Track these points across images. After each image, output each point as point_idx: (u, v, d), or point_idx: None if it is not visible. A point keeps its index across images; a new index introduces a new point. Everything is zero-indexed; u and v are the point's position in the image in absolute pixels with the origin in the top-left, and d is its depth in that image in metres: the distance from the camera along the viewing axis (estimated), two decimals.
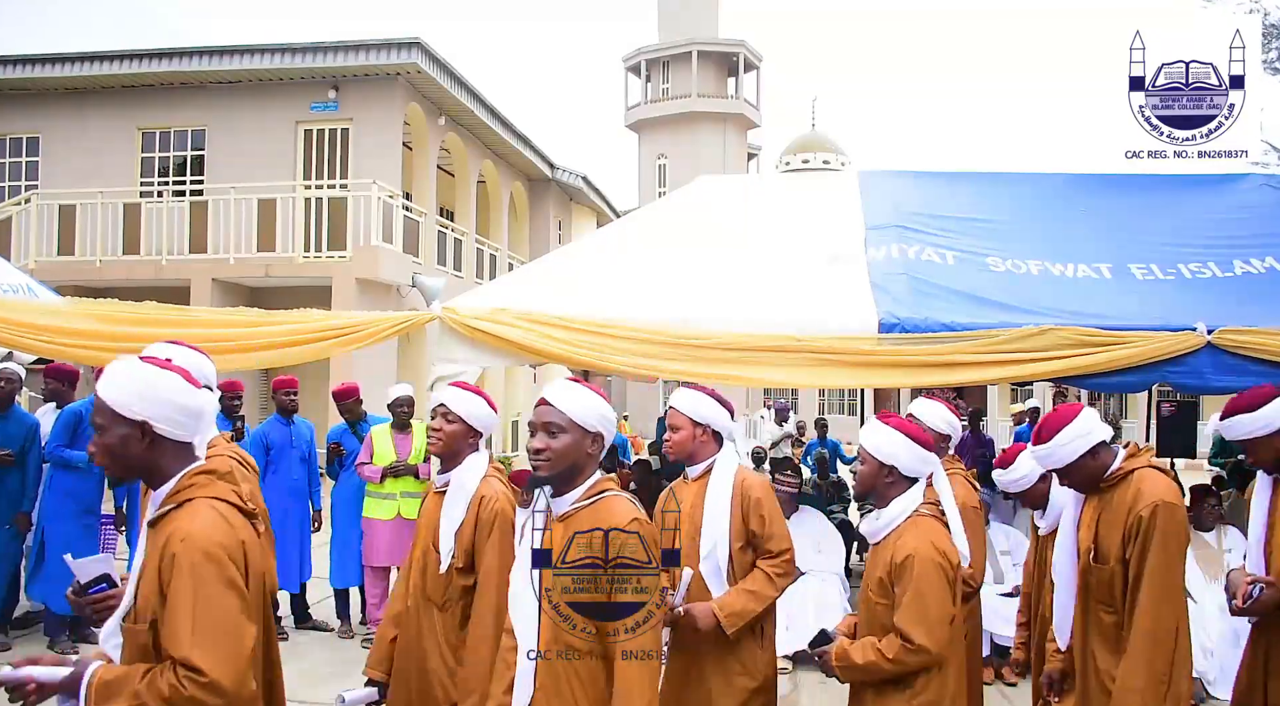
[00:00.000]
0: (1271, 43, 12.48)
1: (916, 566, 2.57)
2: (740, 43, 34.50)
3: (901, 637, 2.56)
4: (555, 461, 2.38)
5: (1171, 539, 2.74)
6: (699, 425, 3.22)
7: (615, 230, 7.12)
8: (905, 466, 2.74)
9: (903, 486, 2.76)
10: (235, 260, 12.92)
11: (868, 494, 2.83)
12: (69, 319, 4.74)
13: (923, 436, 2.78)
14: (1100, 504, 2.94)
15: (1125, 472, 2.90)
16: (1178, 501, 2.79)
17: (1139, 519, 2.74)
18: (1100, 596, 2.90)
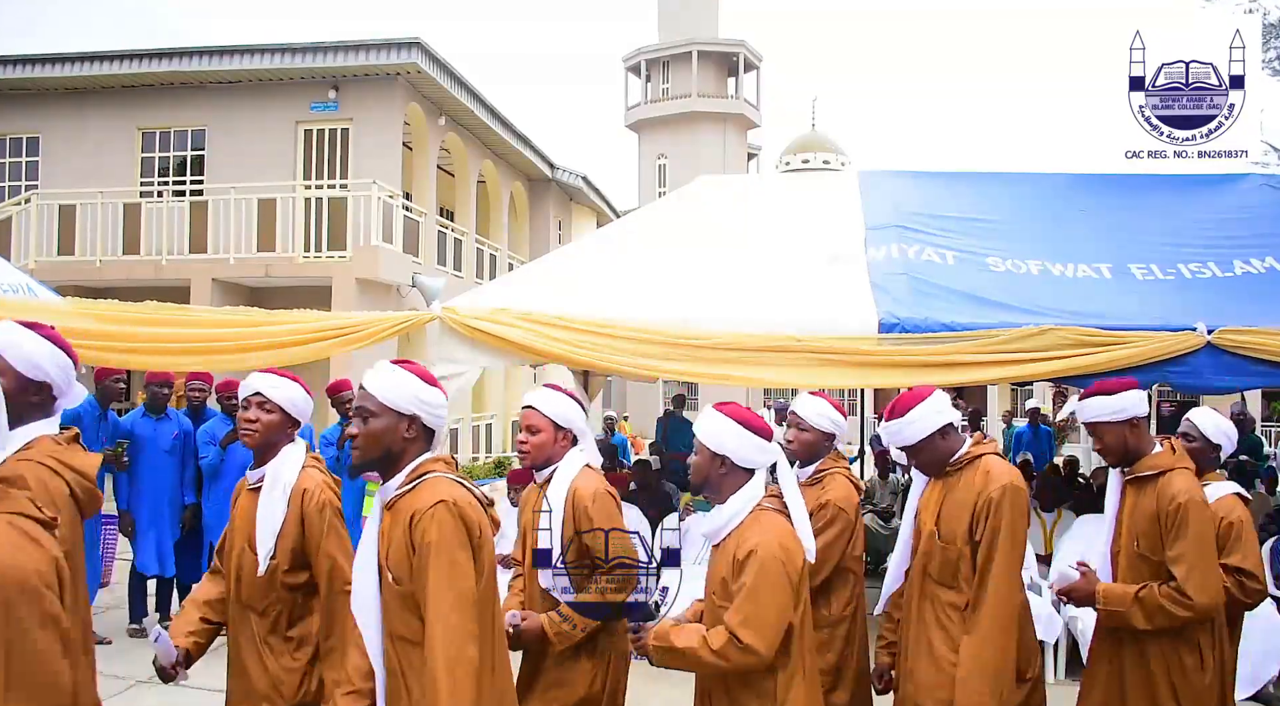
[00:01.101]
0: (1271, 43, 12.47)
1: (756, 563, 2.42)
2: (740, 43, 34.51)
3: (730, 633, 2.40)
4: (366, 447, 2.26)
5: (1020, 520, 2.80)
6: (561, 428, 3.05)
7: (615, 230, 7.13)
8: (739, 456, 2.56)
9: (739, 478, 2.58)
10: (235, 260, 12.91)
11: (702, 486, 2.65)
12: (69, 319, 4.74)
13: (760, 425, 2.59)
14: (945, 487, 2.95)
15: (973, 457, 2.93)
16: (1023, 486, 2.84)
17: (989, 500, 2.77)
18: (943, 577, 2.90)
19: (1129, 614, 2.91)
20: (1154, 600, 2.87)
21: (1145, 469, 3.04)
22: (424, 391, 2.32)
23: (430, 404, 2.31)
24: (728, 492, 2.58)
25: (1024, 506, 2.83)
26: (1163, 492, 2.97)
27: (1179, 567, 2.86)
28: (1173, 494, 2.94)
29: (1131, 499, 3.09)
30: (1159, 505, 2.95)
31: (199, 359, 4.97)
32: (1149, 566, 2.98)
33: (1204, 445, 3.45)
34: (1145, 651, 2.96)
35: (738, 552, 2.46)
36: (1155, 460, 3.04)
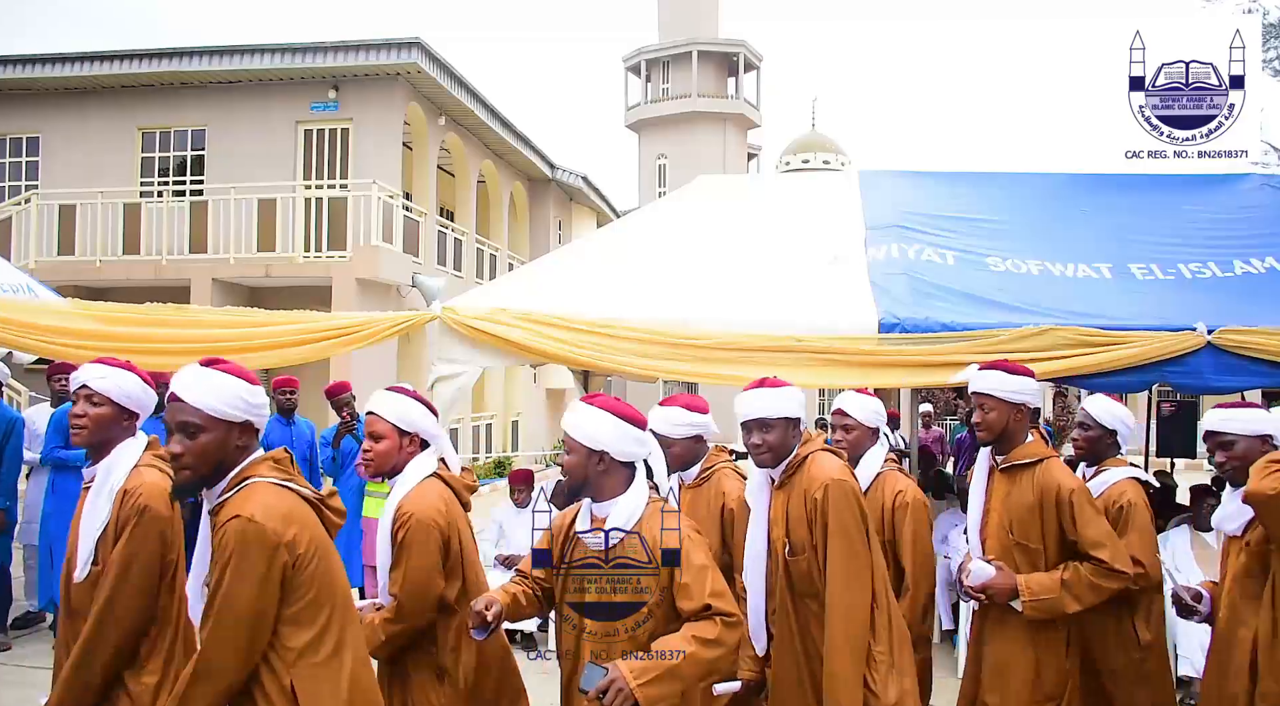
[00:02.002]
0: (1271, 43, 12.48)
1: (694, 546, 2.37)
2: (740, 43, 34.52)
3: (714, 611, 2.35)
4: (196, 466, 2.08)
5: (847, 515, 2.73)
6: (405, 433, 2.85)
7: (615, 230, 7.12)
8: (617, 450, 2.38)
9: (621, 475, 2.41)
10: (235, 260, 12.92)
11: (579, 487, 2.44)
12: (69, 319, 4.75)
13: (634, 415, 2.45)
14: (785, 495, 2.89)
15: (801, 458, 2.86)
16: (846, 477, 2.80)
17: (815, 501, 2.74)
18: (805, 589, 2.84)
19: (1060, 600, 2.91)
20: (1081, 581, 2.91)
21: (1020, 457, 3.07)
22: (252, 393, 2.14)
23: (259, 406, 2.15)
24: (609, 491, 2.40)
25: (849, 496, 2.75)
26: (1045, 483, 3.00)
27: (1102, 550, 2.92)
28: (1056, 481, 2.98)
29: (1004, 487, 3.11)
30: (1042, 495, 2.99)
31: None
32: (1025, 554, 3.02)
33: (1100, 432, 3.49)
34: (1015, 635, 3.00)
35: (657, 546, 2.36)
36: (1030, 449, 3.07)
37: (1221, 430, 2.89)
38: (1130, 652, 3.23)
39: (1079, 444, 3.56)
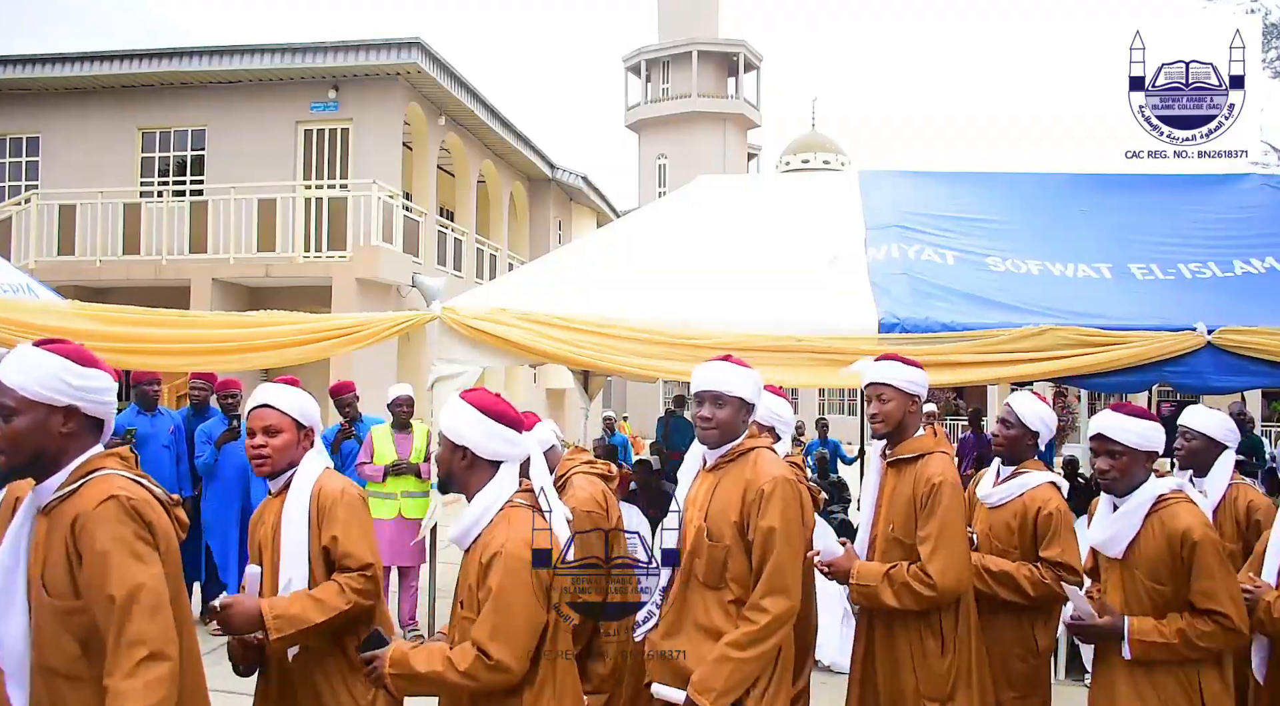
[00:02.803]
0: (1271, 43, 12.47)
1: (501, 568, 2.16)
2: (740, 43, 34.53)
3: (478, 649, 2.15)
4: (10, 452, 1.90)
5: (792, 513, 2.65)
6: (303, 427, 2.71)
7: (615, 230, 7.12)
8: (482, 448, 2.30)
9: (485, 473, 2.31)
10: (235, 260, 12.91)
11: (447, 482, 2.37)
12: (69, 319, 4.75)
13: (509, 414, 2.35)
14: (716, 479, 2.78)
15: (746, 449, 2.76)
16: (794, 477, 2.74)
17: (760, 492, 2.63)
18: (709, 578, 2.71)
19: (878, 589, 2.88)
20: (900, 578, 2.85)
21: (907, 451, 3.02)
22: (78, 375, 1.95)
23: (89, 389, 1.96)
24: (474, 489, 2.32)
25: (796, 500, 2.69)
26: (919, 475, 2.93)
27: (924, 548, 2.85)
28: (928, 475, 2.91)
29: (892, 482, 3.05)
30: (915, 488, 2.93)
31: (201, 360, 4.97)
32: (902, 550, 2.95)
33: (1021, 432, 3.39)
34: (893, 631, 2.96)
35: (483, 557, 2.21)
36: (917, 443, 3.02)
37: (1113, 437, 2.79)
38: (1027, 659, 3.19)
39: (999, 441, 3.47)
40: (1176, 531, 2.65)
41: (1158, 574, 2.68)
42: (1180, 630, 2.63)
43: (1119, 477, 2.78)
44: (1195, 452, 3.69)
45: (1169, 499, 2.73)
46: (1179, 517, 2.68)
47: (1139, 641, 2.66)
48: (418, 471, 6.08)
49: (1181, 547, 2.64)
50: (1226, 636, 2.61)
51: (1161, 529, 2.69)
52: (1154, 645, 2.65)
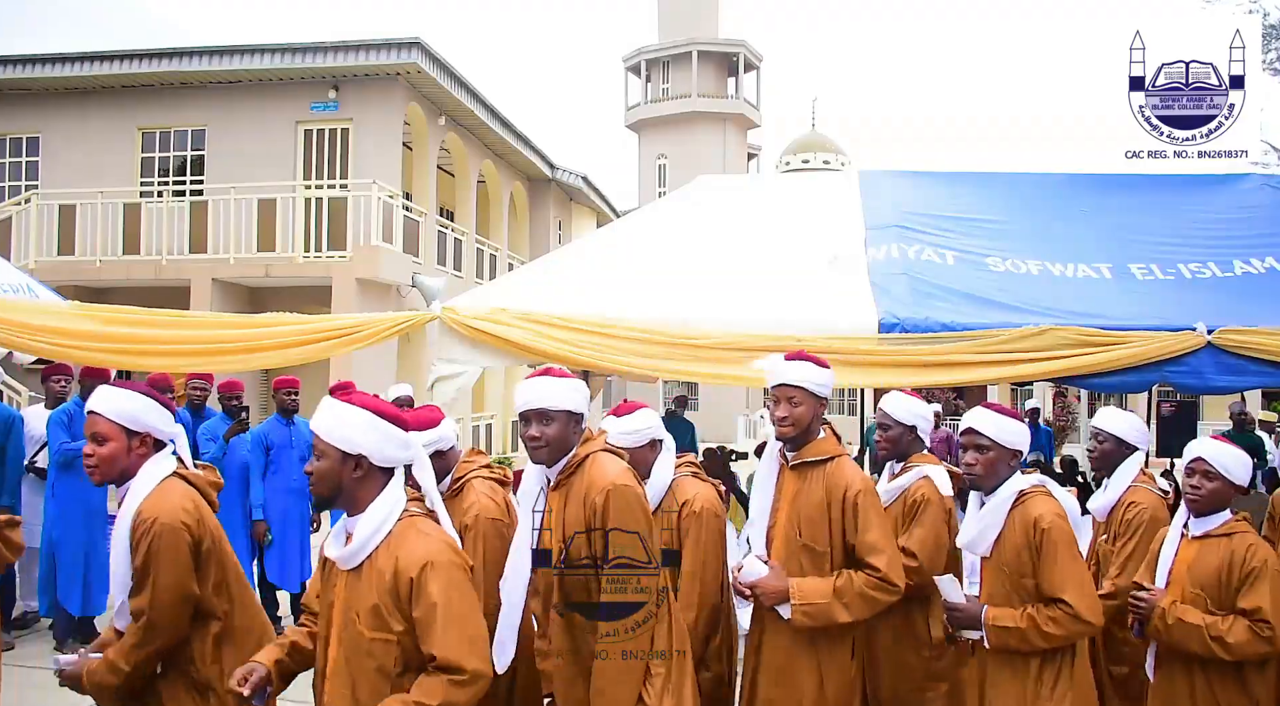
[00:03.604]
0: (1271, 43, 12.48)
1: (443, 578, 2.02)
2: (740, 43, 34.54)
3: (448, 672, 2.00)
4: None
5: (629, 520, 2.53)
6: (135, 433, 2.54)
7: (615, 230, 7.12)
8: (376, 454, 2.12)
9: (377, 483, 2.14)
10: (235, 260, 12.92)
11: (331, 497, 2.15)
12: (69, 319, 4.74)
13: (397, 414, 2.21)
14: (561, 497, 2.65)
15: (581, 458, 2.63)
16: (630, 481, 2.60)
17: (594, 506, 2.53)
18: (579, 601, 2.61)
19: (830, 608, 2.76)
20: (854, 589, 2.76)
21: (812, 455, 2.96)
22: None
23: None
24: (366, 501, 2.12)
25: (635, 506, 2.56)
26: (833, 481, 2.86)
27: (878, 557, 2.79)
28: (845, 481, 2.85)
29: (794, 485, 2.96)
30: (829, 494, 2.85)
31: (202, 360, 4.97)
32: (811, 557, 2.86)
33: (900, 430, 3.47)
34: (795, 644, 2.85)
35: (399, 573, 2.03)
36: (822, 446, 2.97)
37: (982, 431, 2.81)
38: (920, 651, 3.18)
39: (881, 444, 3.50)
40: (1029, 520, 2.70)
41: (1020, 567, 2.72)
42: (1029, 615, 2.66)
43: (984, 473, 2.82)
44: (1107, 455, 3.74)
45: (1029, 493, 2.77)
46: (1032, 508, 2.72)
47: (993, 627, 2.70)
48: None
49: (1033, 535, 2.68)
50: (1073, 624, 2.62)
51: (1020, 521, 2.74)
52: (1006, 630, 2.68)
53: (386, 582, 2.03)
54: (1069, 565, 2.66)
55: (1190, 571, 2.89)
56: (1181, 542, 2.98)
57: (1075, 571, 2.67)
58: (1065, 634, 2.64)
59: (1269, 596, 2.73)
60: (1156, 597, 2.87)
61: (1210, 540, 2.91)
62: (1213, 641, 2.73)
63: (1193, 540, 2.95)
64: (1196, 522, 2.97)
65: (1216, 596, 2.81)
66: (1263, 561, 2.78)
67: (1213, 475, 2.96)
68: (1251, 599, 2.73)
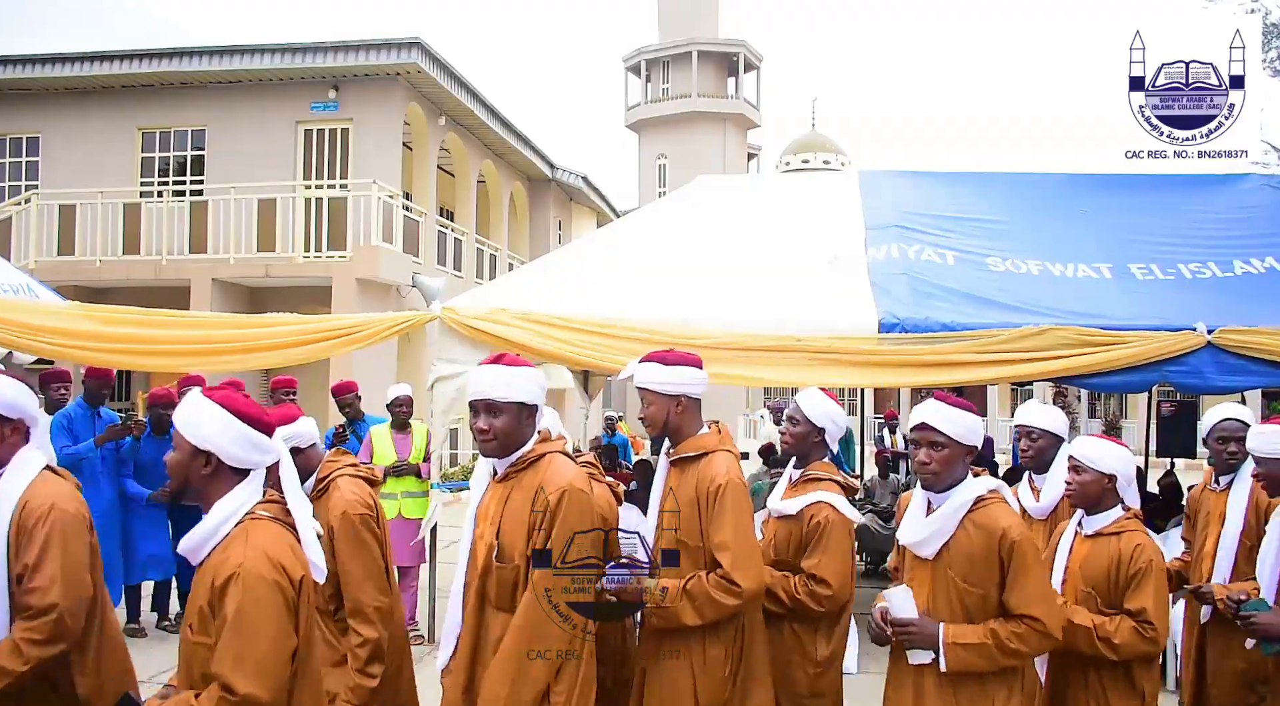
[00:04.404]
0: (1271, 43, 12.48)
1: (240, 589, 1.90)
2: (740, 43, 34.54)
3: (222, 687, 1.87)
4: None
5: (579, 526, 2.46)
6: (8, 421, 2.45)
7: (615, 230, 7.13)
8: (229, 455, 2.04)
9: (228, 482, 2.05)
10: (235, 260, 12.91)
11: (181, 492, 2.09)
12: (69, 320, 4.75)
13: (260, 416, 2.12)
14: (505, 491, 2.58)
15: (537, 456, 2.57)
16: (587, 486, 2.53)
17: (547, 504, 2.45)
18: (500, 601, 2.53)
19: (678, 610, 2.66)
20: (702, 592, 2.65)
21: (689, 450, 2.83)
22: None
23: None
24: (214, 499, 2.05)
25: (589, 512, 2.52)
26: (702, 475, 2.76)
27: (724, 555, 2.65)
28: (711, 475, 2.73)
29: (674, 481, 2.86)
30: (698, 488, 2.75)
31: (201, 360, 4.98)
32: (688, 554, 2.76)
33: (807, 428, 3.25)
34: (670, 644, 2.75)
35: (217, 577, 1.93)
36: (699, 441, 2.83)
37: (937, 426, 2.62)
38: (806, 668, 3.08)
39: (785, 439, 3.33)
40: (996, 531, 2.53)
41: (972, 575, 2.55)
42: (993, 631, 2.51)
43: (939, 471, 2.60)
44: (1043, 451, 3.66)
45: (986, 499, 2.61)
46: (997, 518, 2.56)
47: (954, 645, 2.52)
48: (418, 471, 6.08)
49: (1000, 548, 2.51)
50: (1039, 640, 2.51)
51: (978, 529, 2.56)
52: (969, 647, 2.51)
53: (208, 586, 1.95)
54: (1040, 581, 2.55)
55: (1082, 570, 2.88)
56: (1075, 540, 2.97)
57: (1045, 587, 2.58)
58: (1030, 651, 2.53)
59: (1153, 597, 2.70)
60: None
61: (1101, 539, 2.87)
62: (1100, 642, 2.71)
63: (1085, 538, 2.93)
64: (1088, 521, 2.94)
65: (1106, 595, 2.79)
66: (1148, 561, 2.75)
67: (1081, 468, 2.90)
68: (1137, 599, 2.72)
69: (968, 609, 2.57)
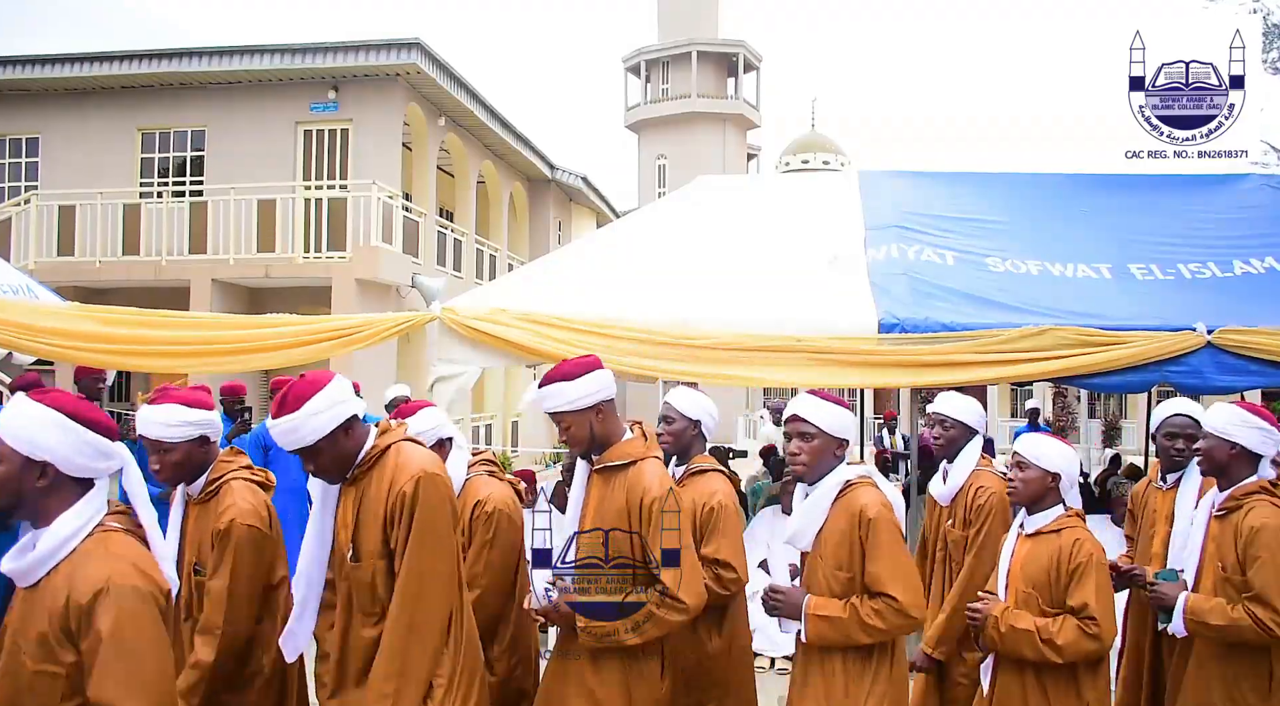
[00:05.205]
0: (1271, 43, 12.48)
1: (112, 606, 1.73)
2: (740, 43, 34.54)
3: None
4: None
5: (437, 513, 2.34)
6: None
7: (615, 230, 7.13)
8: (68, 463, 1.85)
9: (69, 495, 1.85)
10: (235, 261, 12.91)
11: (11, 508, 1.86)
12: (69, 320, 4.74)
13: (99, 419, 1.91)
14: (358, 492, 2.45)
15: (382, 450, 2.45)
16: (440, 471, 2.44)
17: (401, 495, 2.32)
18: (364, 605, 2.40)
19: (618, 631, 2.58)
20: (644, 610, 2.57)
21: (615, 458, 2.73)
22: None
23: None
24: (55, 513, 1.83)
25: (445, 499, 2.41)
26: (633, 485, 2.65)
27: (667, 572, 2.58)
28: (644, 487, 2.64)
29: (600, 490, 2.75)
30: (628, 499, 2.65)
31: (201, 361, 4.97)
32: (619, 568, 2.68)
33: (684, 424, 3.28)
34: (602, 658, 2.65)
35: (75, 594, 1.74)
36: (625, 448, 2.74)
37: (807, 418, 2.66)
38: (703, 660, 3.07)
39: (664, 439, 3.26)
40: (855, 510, 2.58)
41: (840, 558, 2.60)
42: (852, 606, 2.54)
43: (809, 462, 2.66)
44: (953, 440, 3.71)
45: (855, 483, 2.65)
46: (858, 497, 2.61)
47: (814, 615, 2.56)
48: None
49: (859, 526, 2.57)
50: (897, 618, 2.52)
51: (843, 511, 2.62)
52: (826, 620, 2.55)
53: (59, 607, 1.75)
54: (896, 558, 2.56)
55: (1023, 569, 2.85)
56: (1018, 540, 2.95)
57: (902, 564, 2.58)
58: (888, 628, 2.53)
59: (1094, 592, 2.69)
60: (989, 608, 2.82)
61: (1041, 537, 2.86)
62: (1044, 644, 2.67)
63: (1026, 537, 2.92)
64: (1030, 520, 2.93)
65: (1048, 595, 2.77)
66: (1088, 556, 2.74)
67: (1025, 464, 2.90)
68: (1078, 596, 2.70)
69: (835, 593, 2.59)
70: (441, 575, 2.35)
